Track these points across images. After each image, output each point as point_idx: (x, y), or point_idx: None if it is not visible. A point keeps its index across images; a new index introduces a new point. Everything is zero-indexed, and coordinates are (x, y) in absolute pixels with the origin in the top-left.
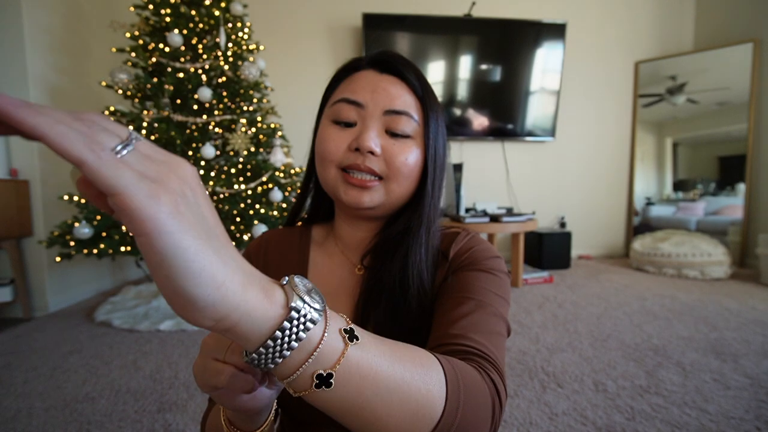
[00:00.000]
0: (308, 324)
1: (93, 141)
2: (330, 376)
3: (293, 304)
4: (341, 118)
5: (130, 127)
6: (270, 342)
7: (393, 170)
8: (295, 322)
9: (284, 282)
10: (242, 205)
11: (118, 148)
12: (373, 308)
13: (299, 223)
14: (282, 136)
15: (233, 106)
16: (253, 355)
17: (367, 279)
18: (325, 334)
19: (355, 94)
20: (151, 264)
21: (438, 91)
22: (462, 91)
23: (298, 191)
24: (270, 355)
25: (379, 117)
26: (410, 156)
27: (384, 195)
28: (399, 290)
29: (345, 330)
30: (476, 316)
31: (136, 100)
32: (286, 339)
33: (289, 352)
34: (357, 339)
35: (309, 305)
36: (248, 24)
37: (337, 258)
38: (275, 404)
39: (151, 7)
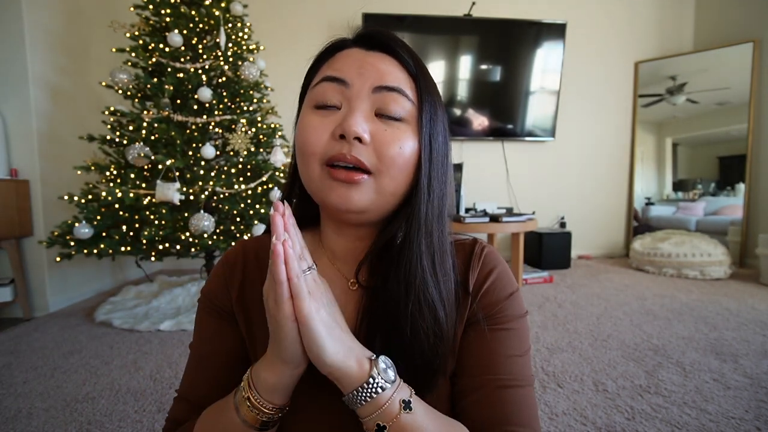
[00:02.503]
0: (378, 389)
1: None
2: (386, 428)
3: (372, 374)
4: (323, 100)
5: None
6: (355, 392)
7: (385, 162)
8: (370, 387)
9: (373, 357)
10: (242, 205)
11: (305, 269)
12: (378, 336)
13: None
14: (282, 136)
15: (233, 106)
16: (346, 396)
17: (367, 300)
18: (388, 402)
19: (339, 71)
20: (302, 336)
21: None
22: (462, 91)
23: (284, 189)
24: (355, 400)
25: (367, 96)
26: (405, 144)
27: (374, 193)
28: (404, 317)
29: (404, 401)
30: (510, 403)
31: (136, 100)
32: (364, 394)
33: (364, 403)
34: (410, 409)
35: (382, 378)
36: (248, 24)
37: (327, 271)
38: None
39: (151, 7)
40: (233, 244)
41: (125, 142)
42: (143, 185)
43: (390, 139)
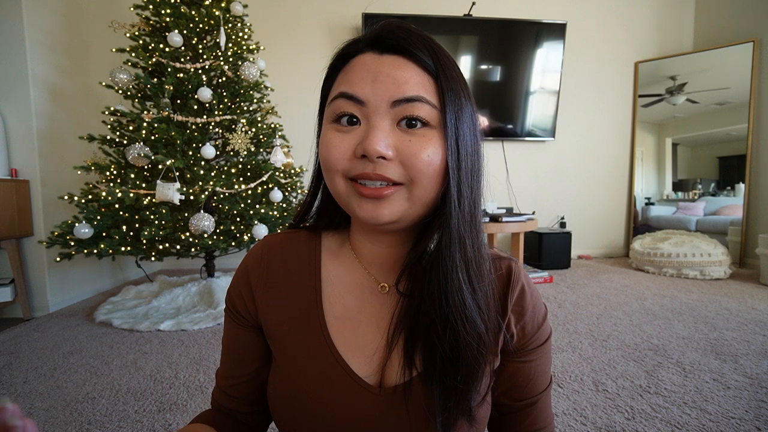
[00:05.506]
0: None
1: None
2: None
3: None
4: (342, 115)
5: None
6: None
7: (414, 173)
8: None
9: None
10: (242, 205)
11: None
12: (418, 344)
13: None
14: (282, 136)
15: (233, 106)
16: None
17: (403, 306)
18: None
19: (354, 87)
20: None
21: None
22: None
23: (303, 192)
24: None
25: (386, 111)
26: (433, 152)
27: (406, 203)
28: (443, 327)
29: None
30: (534, 413)
31: (136, 100)
32: None
33: None
34: None
35: None
36: (248, 24)
37: (356, 273)
38: None
39: (151, 7)
40: (237, 242)
41: (125, 142)
42: (143, 185)
43: (416, 150)
